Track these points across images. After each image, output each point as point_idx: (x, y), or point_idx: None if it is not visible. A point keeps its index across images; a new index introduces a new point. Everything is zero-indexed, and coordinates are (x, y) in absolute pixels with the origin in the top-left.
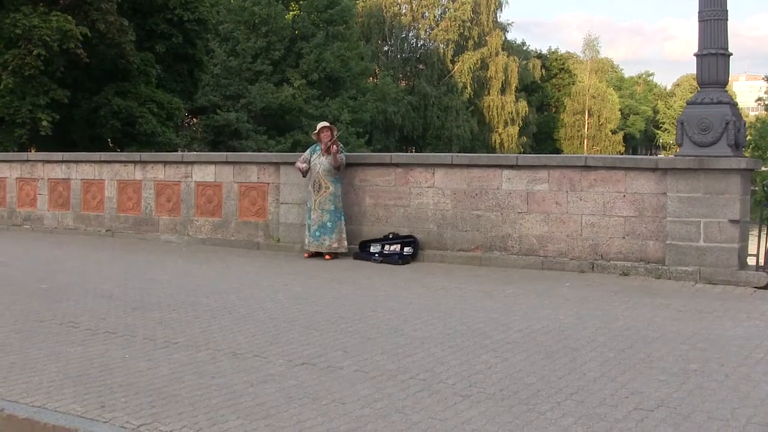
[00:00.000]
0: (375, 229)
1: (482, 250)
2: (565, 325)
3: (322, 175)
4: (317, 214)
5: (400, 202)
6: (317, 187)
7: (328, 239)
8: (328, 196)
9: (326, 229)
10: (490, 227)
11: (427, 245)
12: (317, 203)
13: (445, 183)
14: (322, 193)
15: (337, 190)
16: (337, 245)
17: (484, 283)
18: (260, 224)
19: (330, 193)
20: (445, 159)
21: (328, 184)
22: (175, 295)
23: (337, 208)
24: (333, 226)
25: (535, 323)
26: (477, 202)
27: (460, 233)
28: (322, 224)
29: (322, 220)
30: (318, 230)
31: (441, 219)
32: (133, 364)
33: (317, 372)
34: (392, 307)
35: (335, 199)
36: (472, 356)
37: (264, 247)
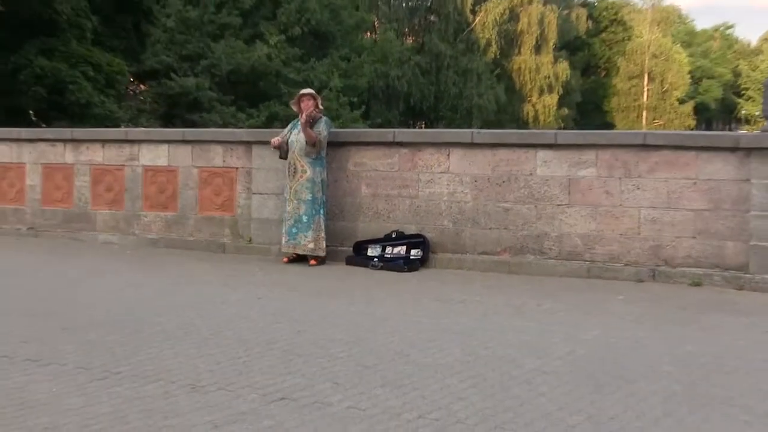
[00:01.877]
0: (373, 227)
1: (511, 254)
2: (619, 351)
3: (298, 155)
4: (292, 206)
5: (406, 192)
6: (292, 170)
7: (304, 238)
8: (303, 182)
9: (302, 225)
10: (522, 224)
11: (440, 247)
12: (292, 191)
13: (464, 167)
14: (297, 178)
15: (315, 174)
16: (313, 246)
17: (514, 295)
18: (227, 220)
19: (306, 178)
20: (464, 136)
21: (305, 166)
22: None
23: (315, 198)
24: (309, 221)
25: (579, 347)
26: (504, 192)
27: (483, 232)
28: (297, 218)
29: (298, 212)
30: (294, 226)
31: (458, 213)
32: (62, 401)
33: (299, 409)
34: (396, 327)
35: (313, 186)
36: (499, 389)
37: (232, 249)
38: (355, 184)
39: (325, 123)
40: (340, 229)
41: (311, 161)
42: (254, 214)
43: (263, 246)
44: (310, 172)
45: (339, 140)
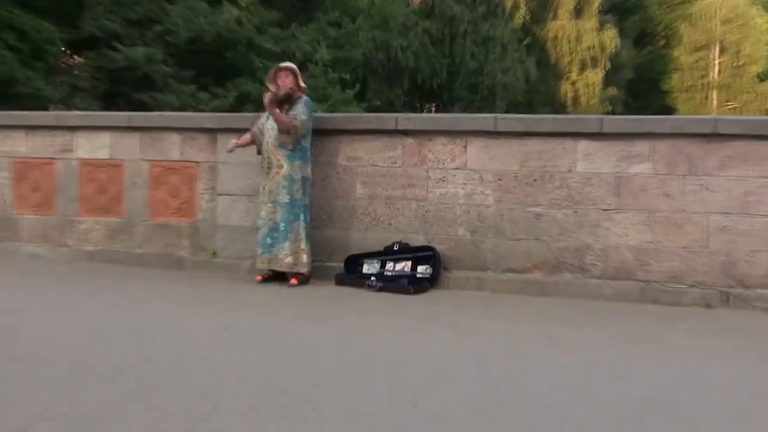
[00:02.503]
0: (371, 237)
1: (544, 271)
2: (683, 396)
3: (272, 146)
4: (267, 210)
5: (412, 194)
6: (267, 165)
7: (281, 251)
8: (279, 180)
9: (278, 234)
10: (557, 234)
11: (454, 263)
12: (267, 192)
13: (485, 162)
14: (272, 175)
15: (294, 170)
16: (291, 260)
17: (548, 323)
18: (185, 228)
19: (283, 175)
20: (485, 123)
21: (281, 159)
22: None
23: (294, 200)
24: (286, 228)
25: (631, 389)
26: (536, 194)
27: (509, 244)
28: (273, 226)
29: (273, 218)
30: (269, 236)
31: (477, 220)
32: None
33: None
34: (398, 361)
35: (291, 184)
36: None
37: (192, 265)
38: (348, 182)
39: (305, 104)
40: (328, 240)
41: (288, 153)
42: (220, 220)
43: (232, 261)
44: (287, 168)
45: (327, 127)
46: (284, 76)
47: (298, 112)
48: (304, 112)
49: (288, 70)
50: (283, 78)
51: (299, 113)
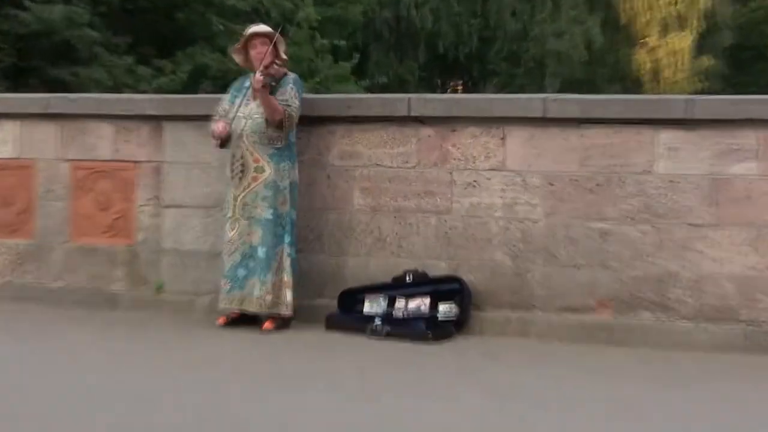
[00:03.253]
0: (374, 264)
1: (614, 310)
2: None
3: (250, 142)
4: (239, 230)
5: (430, 204)
6: (239, 168)
7: (259, 285)
8: (260, 189)
9: (256, 264)
10: (632, 258)
11: (489, 299)
12: (239, 205)
13: (530, 160)
14: (247, 181)
15: (280, 174)
16: (271, 299)
17: (620, 384)
18: (120, 253)
19: (265, 182)
20: (530, 106)
21: (262, 160)
22: None
23: (279, 216)
24: (269, 255)
25: None
26: (601, 203)
27: (565, 272)
28: (247, 251)
29: (249, 241)
30: (241, 265)
31: (521, 241)
32: None
33: None
34: None
35: (275, 194)
36: None
37: (129, 303)
38: (343, 189)
39: (294, 83)
40: (315, 269)
41: (273, 152)
42: (168, 242)
43: (184, 298)
44: (271, 172)
45: (315, 114)
46: (259, 45)
47: (289, 95)
48: (296, 96)
49: (265, 36)
50: (258, 47)
51: (290, 97)
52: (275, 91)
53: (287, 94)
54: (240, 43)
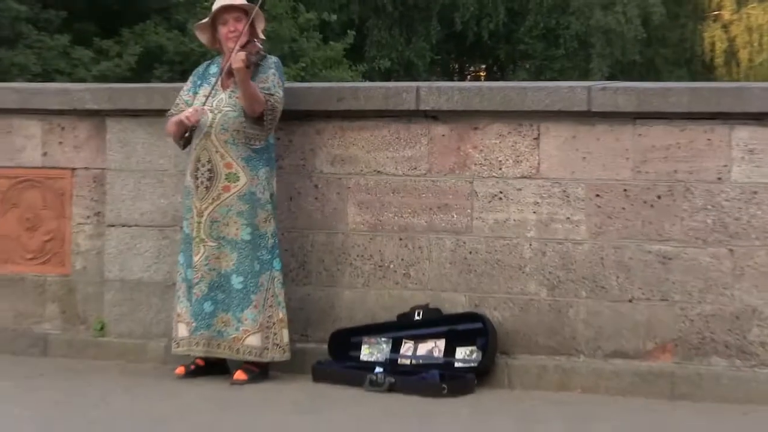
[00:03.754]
0: (373, 298)
1: (677, 356)
2: None
3: (220, 141)
4: (205, 252)
5: (445, 221)
6: (206, 174)
7: (234, 323)
8: (232, 202)
9: (228, 297)
10: (701, 290)
11: (521, 341)
12: (206, 221)
13: (572, 165)
14: (216, 191)
15: (258, 182)
16: (258, 341)
17: None
18: (52, 285)
19: (239, 193)
20: (572, 97)
21: (235, 165)
22: None
23: (260, 237)
24: (247, 287)
25: None
26: (661, 220)
27: (616, 308)
28: (217, 281)
29: (218, 267)
30: (207, 298)
31: (560, 268)
32: None
33: None
34: None
35: (253, 209)
36: None
37: (63, 348)
38: (335, 203)
39: (277, 68)
40: (300, 303)
41: (251, 155)
42: (112, 270)
43: (131, 342)
44: (246, 179)
45: (298, 108)
46: (232, 21)
47: (272, 83)
48: (279, 83)
49: (240, 10)
50: (231, 24)
51: (273, 85)
52: (254, 77)
53: (269, 81)
54: (207, 20)
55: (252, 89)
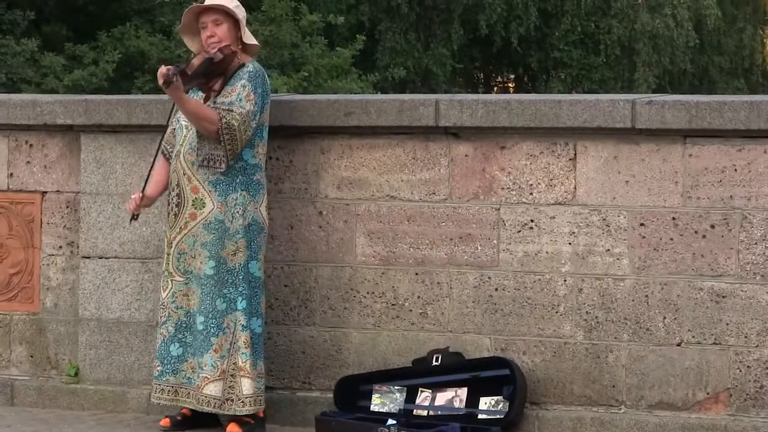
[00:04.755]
0: (386, 341)
1: (733, 407)
2: None
3: (187, 162)
4: (172, 288)
5: (468, 253)
6: (175, 200)
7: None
8: (198, 231)
9: (193, 337)
10: (759, 332)
11: (553, 390)
12: (174, 253)
13: (613, 189)
14: (184, 219)
15: (228, 210)
16: (219, 390)
17: None
18: (19, 324)
19: (204, 221)
20: (613, 112)
21: (202, 189)
22: None
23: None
24: (208, 328)
25: None
26: (715, 252)
27: (662, 351)
28: (182, 321)
29: (186, 306)
30: (174, 339)
31: (599, 307)
32: None
33: None
34: None
35: (219, 239)
36: None
37: (32, 395)
38: (342, 233)
39: (251, 78)
40: (301, 347)
41: (219, 179)
42: (88, 308)
43: (110, 389)
44: (213, 206)
45: (299, 123)
46: (212, 25)
47: (236, 96)
48: (250, 96)
49: (221, 12)
50: (212, 27)
51: (238, 99)
52: (222, 88)
53: (234, 94)
54: (187, 20)
55: (189, 107)
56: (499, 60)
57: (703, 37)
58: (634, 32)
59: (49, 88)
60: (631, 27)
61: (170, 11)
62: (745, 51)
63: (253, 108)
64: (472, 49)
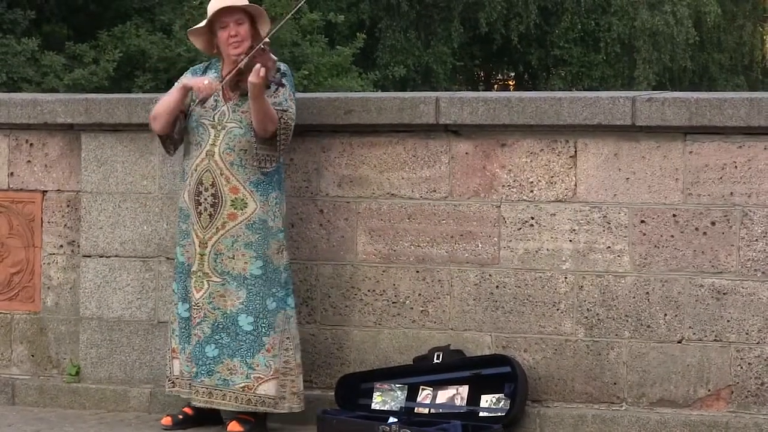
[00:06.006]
0: (386, 338)
1: (734, 404)
2: None
3: (225, 163)
4: (208, 289)
5: (468, 251)
6: (210, 200)
7: (245, 371)
8: (240, 231)
9: (234, 339)
10: (760, 329)
11: (554, 387)
12: (210, 253)
13: (613, 186)
14: (221, 219)
15: (270, 210)
16: (272, 391)
17: None
18: (20, 323)
19: (248, 221)
20: (613, 110)
21: (243, 189)
22: None
23: (273, 270)
24: (259, 329)
25: None
26: (715, 249)
27: (663, 348)
28: (219, 322)
29: (224, 307)
30: (210, 341)
31: (600, 304)
32: None
33: None
34: None
35: (266, 239)
36: None
37: (33, 395)
38: (342, 230)
39: (287, 78)
40: (302, 345)
41: (261, 179)
42: (89, 307)
43: (111, 388)
44: (258, 206)
45: (301, 122)
46: (234, 25)
47: (283, 96)
48: (291, 96)
49: (242, 12)
50: (232, 28)
51: (285, 99)
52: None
53: (281, 95)
54: (204, 25)
55: (267, 107)
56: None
57: (703, 35)
58: (634, 30)
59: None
60: (631, 24)
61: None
62: (745, 48)
63: (295, 108)
64: (472, 47)
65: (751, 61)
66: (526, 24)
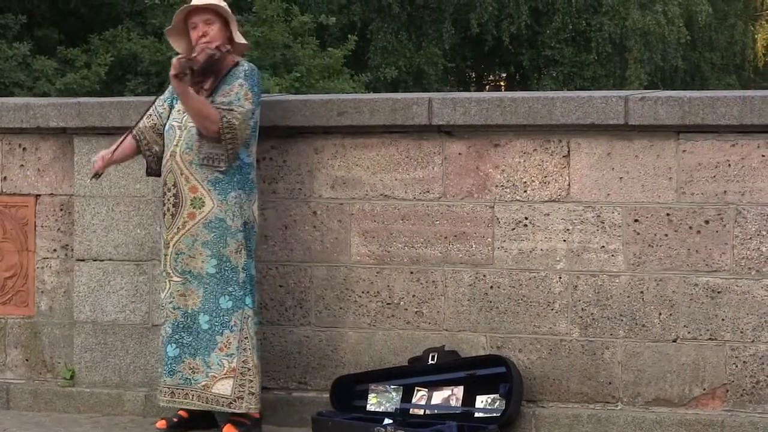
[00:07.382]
0: (381, 340)
1: (729, 403)
2: None
3: (184, 162)
4: (170, 288)
5: (462, 251)
6: (172, 200)
7: (204, 368)
8: (198, 230)
9: (194, 338)
10: (754, 328)
11: (549, 387)
12: (171, 253)
13: (607, 186)
14: (182, 218)
15: (227, 209)
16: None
17: None
18: (14, 328)
19: (205, 220)
20: (606, 109)
21: (201, 189)
22: None
23: (230, 269)
24: (213, 326)
25: None
26: (709, 248)
27: (658, 348)
28: (179, 321)
29: (184, 306)
30: (172, 340)
31: (594, 304)
32: None
33: None
34: None
35: (221, 238)
36: None
37: (28, 399)
38: (336, 232)
39: (247, 77)
40: (296, 347)
41: (218, 178)
42: (83, 311)
43: (105, 392)
44: (213, 205)
45: (292, 123)
46: (204, 24)
47: (235, 96)
48: (248, 95)
49: (211, 11)
50: (203, 27)
51: (236, 98)
52: (217, 89)
53: (233, 94)
54: (178, 21)
55: (194, 104)
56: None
57: (694, 34)
58: (625, 29)
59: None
60: (623, 24)
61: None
62: (737, 47)
63: (251, 107)
64: (463, 48)
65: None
66: (518, 25)
